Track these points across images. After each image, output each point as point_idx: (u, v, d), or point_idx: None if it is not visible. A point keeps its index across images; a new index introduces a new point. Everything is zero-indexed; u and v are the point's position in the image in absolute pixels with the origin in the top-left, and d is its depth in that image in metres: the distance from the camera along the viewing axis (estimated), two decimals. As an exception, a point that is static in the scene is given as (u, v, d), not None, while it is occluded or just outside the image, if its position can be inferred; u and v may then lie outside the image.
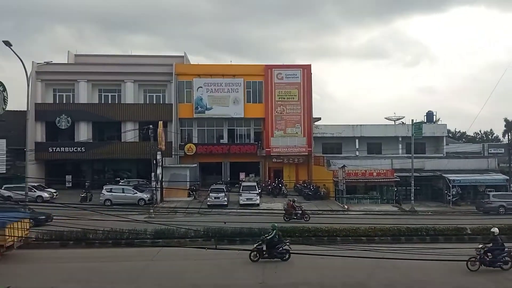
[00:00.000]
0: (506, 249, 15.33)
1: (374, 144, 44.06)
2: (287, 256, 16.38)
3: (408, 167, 32.43)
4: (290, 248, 16.32)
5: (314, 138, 41.44)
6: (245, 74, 40.42)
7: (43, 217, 22.76)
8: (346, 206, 30.13)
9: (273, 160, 40.27)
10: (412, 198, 31.15)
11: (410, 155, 32.32)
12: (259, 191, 32.56)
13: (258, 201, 30.40)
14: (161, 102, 40.47)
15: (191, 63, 44.65)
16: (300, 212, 24.68)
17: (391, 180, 33.07)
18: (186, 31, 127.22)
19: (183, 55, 43.29)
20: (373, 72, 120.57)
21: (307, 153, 40.28)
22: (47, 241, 19.35)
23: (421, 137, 36.20)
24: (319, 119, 44.29)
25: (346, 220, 19.69)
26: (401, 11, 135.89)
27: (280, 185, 36.12)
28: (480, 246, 15.53)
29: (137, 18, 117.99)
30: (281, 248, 16.42)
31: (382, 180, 33.16)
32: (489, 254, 15.29)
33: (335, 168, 34.65)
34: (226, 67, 41.46)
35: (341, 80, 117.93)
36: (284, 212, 24.53)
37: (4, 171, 34.94)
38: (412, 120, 33.96)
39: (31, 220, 19.95)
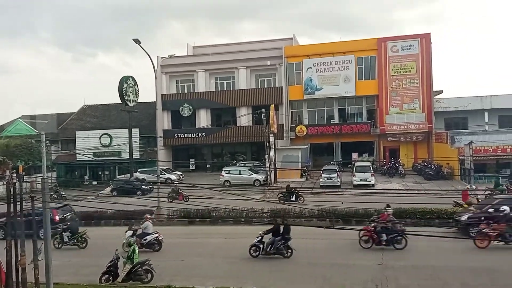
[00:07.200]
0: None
1: (507, 116, 38.86)
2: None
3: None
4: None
5: (435, 113, 38.18)
6: (356, 50, 38.83)
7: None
8: (474, 186, 27.37)
9: (388, 138, 38.35)
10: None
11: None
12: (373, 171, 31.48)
13: (373, 182, 29.50)
14: (272, 86, 41.34)
15: (300, 45, 44.48)
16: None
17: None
18: (290, 13, 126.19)
19: (292, 37, 43.35)
20: (505, 36, 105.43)
21: (427, 130, 37.46)
22: (177, 218, 21.66)
23: None
24: (440, 92, 40.65)
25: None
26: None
27: (396, 165, 34.40)
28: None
29: (242, 5, 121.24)
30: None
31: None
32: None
33: (460, 145, 31.64)
34: (335, 44, 40.33)
35: (463, 49, 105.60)
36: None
37: (138, 157, 39.52)
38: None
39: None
